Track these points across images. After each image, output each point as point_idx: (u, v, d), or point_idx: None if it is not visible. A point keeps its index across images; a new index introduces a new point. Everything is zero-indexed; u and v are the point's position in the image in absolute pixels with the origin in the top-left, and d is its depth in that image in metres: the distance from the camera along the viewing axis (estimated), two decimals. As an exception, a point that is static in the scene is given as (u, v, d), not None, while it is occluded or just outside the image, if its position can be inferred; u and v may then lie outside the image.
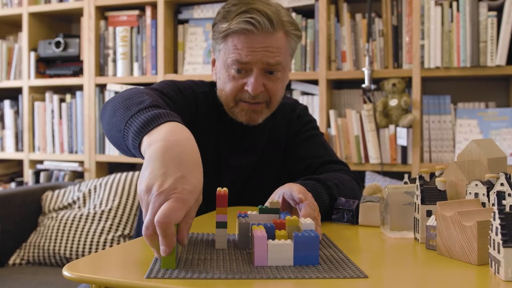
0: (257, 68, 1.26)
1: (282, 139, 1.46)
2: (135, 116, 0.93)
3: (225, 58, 1.28)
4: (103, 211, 2.33)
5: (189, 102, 1.34)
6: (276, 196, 1.05)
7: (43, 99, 2.98)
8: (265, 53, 1.25)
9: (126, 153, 1.01)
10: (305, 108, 1.55)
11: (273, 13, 1.25)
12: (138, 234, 1.52)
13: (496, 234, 0.72)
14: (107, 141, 2.79)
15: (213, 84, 1.42)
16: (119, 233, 2.28)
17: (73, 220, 2.32)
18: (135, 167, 2.98)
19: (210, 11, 2.65)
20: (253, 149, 1.42)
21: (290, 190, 1.02)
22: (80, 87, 2.91)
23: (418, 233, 0.95)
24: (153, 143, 0.81)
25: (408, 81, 2.34)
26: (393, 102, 2.32)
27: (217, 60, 1.35)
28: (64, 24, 3.18)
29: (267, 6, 1.27)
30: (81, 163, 2.85)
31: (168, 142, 0.79)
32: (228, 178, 1.39)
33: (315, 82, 2.46)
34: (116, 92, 2.75)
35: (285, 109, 1.48)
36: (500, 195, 0.72)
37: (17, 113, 3.05)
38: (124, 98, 1.05)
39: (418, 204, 0.95)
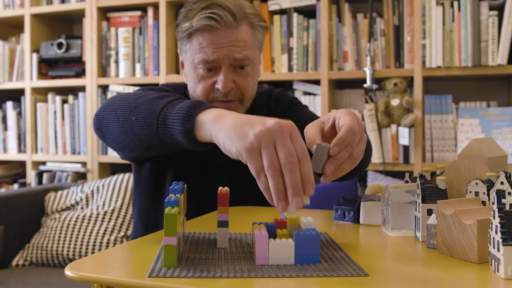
0: (225, 64, 1.24)
1: None
2: (171, 104, 0.96)
3: (192, 59, 1.26)
4: (106, 212, 2.34)
5: None
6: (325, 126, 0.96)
7: (46, 100, 2.99)
8: (231, 48, 1.23)
9: (153, 148, 1.02)
10: (281, 91, 1.50)
11: (235, 6, 1.23)
12: (134, 236, 1.50)
13: (496, 233, 0.72)
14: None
15: (186, 86, 1.38)
16: (122, 233, 2.29)
17: (76, 221, 2.33)
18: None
19: (212, 11, 2.65)
20: None
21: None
22: (82, 88, 2.92)
23: (419, 231, 0.95)
24: (220, 117, 0.86)
25: (409, 81, 2.34)
26: (394, 102, 2.32)
27: (184, 62, 1.32)
28: (66, 25, 3.19)
29: (229, 0, 1.24)
30: (84, 164, 2.86)
31: (235, 115, 0.85)
32: (215, 175, 1.35)
33: (317, 82, 2.46)
34: (118, 93, 2.76)
35: (262, 99, 1.44)
36: (500, 194, 0.73)
37: (19, 114, 3.06)
38: (132, 99, 1.06)
39: (418, 203, 0.95)
